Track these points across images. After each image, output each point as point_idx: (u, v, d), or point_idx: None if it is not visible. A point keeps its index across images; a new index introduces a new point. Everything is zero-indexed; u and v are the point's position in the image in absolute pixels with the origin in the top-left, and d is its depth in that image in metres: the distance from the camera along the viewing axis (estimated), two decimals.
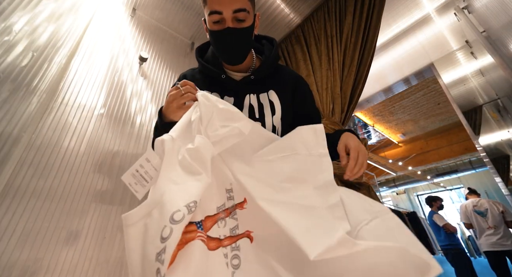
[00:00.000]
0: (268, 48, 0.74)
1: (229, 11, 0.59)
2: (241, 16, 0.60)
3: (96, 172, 1.36)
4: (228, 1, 0.58)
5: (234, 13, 0.59)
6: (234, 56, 0.67)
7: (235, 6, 0.59)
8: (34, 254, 1.05)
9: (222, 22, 0.60)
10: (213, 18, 0.60)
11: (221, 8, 0.58)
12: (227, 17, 0.59)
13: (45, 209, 1.14)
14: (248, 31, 0.63)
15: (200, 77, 0.72)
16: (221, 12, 0.59)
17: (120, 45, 1.80)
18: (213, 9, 0.59)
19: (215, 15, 0.59)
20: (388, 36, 2.44)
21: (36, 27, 1.29)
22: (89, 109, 1.46)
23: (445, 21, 2.24)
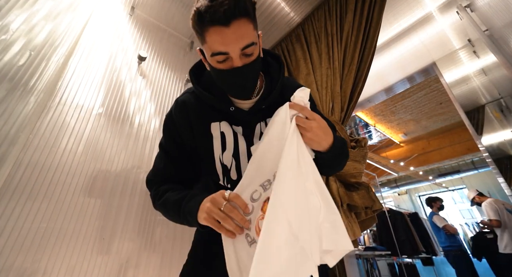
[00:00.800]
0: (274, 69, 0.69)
1: (236, 50, 0.51)
2: (249, 51, 0.53)
3: (94, 173, 1.36)
4: (235, 38, 0.50)
5: (242, 50, 0.52)
6: (245, 93, 0.61)
7: (242, 43, 0.51)
8: (32, 255, 1.05)
9: (228, 61, 0.54)
10: (217, 59, 0.53)
11: (227, 49, 0.51)
12: (235, 57, 0.52)
13: (42, 210, 1.14)
14: (257, 62, 0.58)
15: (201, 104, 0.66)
16: (227, 52, 0.51)
17: (118, 44, 1.80)
18: (216, 50, 0.51)
19: (220, 56, 0.52)
20: (389, 34, 2.44)
21: (33, 25, 1.28)
22: (87, 109, 1.46)
23: (447, 20, 2.23)
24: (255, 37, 0.55)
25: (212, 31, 0.50)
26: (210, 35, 0.51)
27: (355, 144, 1.49)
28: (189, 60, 2.26)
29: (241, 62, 0.54)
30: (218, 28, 0.49)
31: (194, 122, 0.65)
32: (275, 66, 0.70)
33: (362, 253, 3.22)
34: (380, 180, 7.56)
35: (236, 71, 0.54)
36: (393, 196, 8.71)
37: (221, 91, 0.65)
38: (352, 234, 1.28)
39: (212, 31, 0.50)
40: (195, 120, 0.65)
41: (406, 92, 4.08)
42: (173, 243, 1.51)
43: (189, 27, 2.33)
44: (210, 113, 0.65)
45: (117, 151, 1.50)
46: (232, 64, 0.54)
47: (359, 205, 1.33)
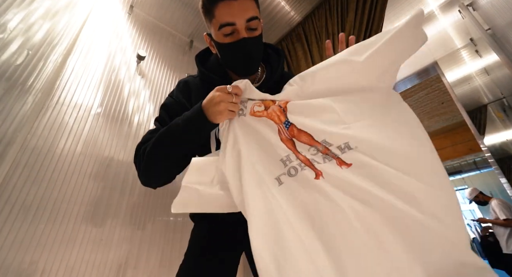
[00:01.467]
0: (274, 59, 0.73)
1: (242, 21, 0.58)
2: (254, 24, 0.59)
3: (93, 173, 1.36)
4: (241, 10, 0.57)
5: (247, 22, 0.58)
6: (252, 66, 0.66)
7: (247, 15, 0.58)
8: (30, 256, 1.05)
9: (234, 34, 0.59)
10: (225, 31, 0.58)
11: (234, 19, 0.57)
12: (240, 28, 0.58)
13: (41, 210, 1.14)
14: (260, 39, 0.63)
15: (202, 85, 0.70)
16: (234, 23, 0.57)
17: (117, 43, 1.80)
18: (224, 21, 0.57)
19: (227, 27, 0.58)
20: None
21: (31, 24, 1.28)
22: (86, 109, 1.46)
23: (449, 19, 2.23)
24: (258, 14, 0.61)
25: (221, 5, 0.57)
26: (219, 8, 0.57)
27: None
28: (189, 60, 2.26)
29: (247, 34, 0.59)
30: (226, 2, 0.56)
31: (194, 99, 0.68)
32: (275, 57, 0.74)
33: None
34: None
35: (243, 41, 0.59)
36: None
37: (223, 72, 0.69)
38: None
39: (221, 5, 0.57)
40: (195, 97, 0.68)
41: (407, 92, 4.08)
42: (172, 243, 1.51)
43: (188, 26, 2.30)
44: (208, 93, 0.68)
45: (116, 151, 1.50)
46: (238, 36, 0.59)
47: None
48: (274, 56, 0.74)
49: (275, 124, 0.53)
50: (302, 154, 0.49)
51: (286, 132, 0.52)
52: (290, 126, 0.52)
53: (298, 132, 0.51)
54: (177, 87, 0.73)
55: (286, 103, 0.55)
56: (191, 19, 2.17)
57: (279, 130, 0.53)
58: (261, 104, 0.56)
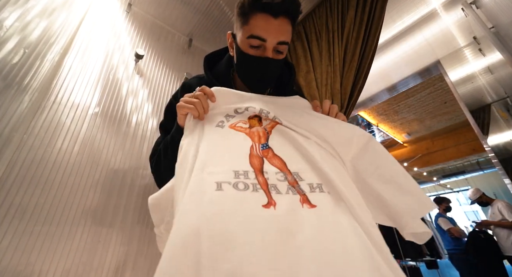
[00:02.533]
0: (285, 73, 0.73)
1: (273, 41, 0.57)
2: (282, 48, 0.59)
3: (91, 173, 1.36)
4: (276, 30, 0.56)
5: (278, 44, 0.57)
6: (264, 86, 0.66)
7: (281, 38, 0.57)
8: (26, 258, 1.05)
9: (260, 48, 0.58)
10: (253, 42, 0.57)
11: (267, 36, 0.56)
12: (269, 47, 0.57)
13: (37, 212, 1.14)
14: (282, 63, 0.63)
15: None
16: (265, 40, 0.56)
17: (115, 42, 1.79)
18: (256, 33, 0.56)
19: (257, 40, 0.57)
20: (392, 32, 2.43)
21: (27, 22, 1.28)
22: (83, 108, 1.46)
23: (452, 17, 2.23)
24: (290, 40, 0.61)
25: (259, 16, 0.55)
26: (256, 19, 0.56)
27: None
28: (188, 59, 2.26)
29: (272, 55, 0.59)
30: (266, 16, 0.55)
31: None
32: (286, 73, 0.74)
33: None
34: None
35: (265, 60, 0.59)
36: None
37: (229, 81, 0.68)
38: None
39: (260, 17, 0.55)
40: None
41: (409, 91, 4.07)
42: None
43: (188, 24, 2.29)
44: None
45: (114, 151, 1.49)
46: (263, 53, 0.58)
47: None
48: (286, 72, 0.74)
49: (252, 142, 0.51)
50: (264, 177, 0.44)
51: (259, 151, 0.50)
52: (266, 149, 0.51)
53: (273, 155, 0.49)
54: (182, 88, 0.72)
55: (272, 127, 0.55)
56: (191, 17, 2.16)
57: (252, 146, 0.50)
58: (247, 122, 0.55)
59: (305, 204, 0.40)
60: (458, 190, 7.35)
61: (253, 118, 0.56)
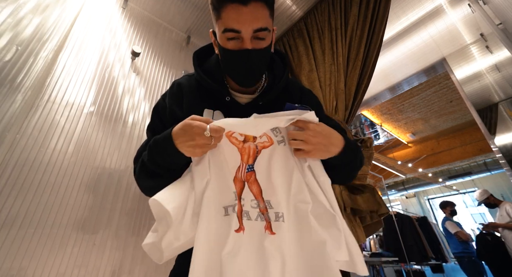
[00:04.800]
0: (279, 67, 0.70)
1: (249, 30, 0.54)
2: (262, 35, 0.56)
3: (86, 174, 1.35)
4: (249, 18, 0.53)
5: (254, 32, 0.55)
6: (250, 79, 0.63)
7: (256, 25, 0.54)
8: (18, 262, 1.05)
9: (238, 40, 0.56)
10: (227, 35, 0.55)
11: (240, 27, 0.53)
12: (246, 37, 0.55)
13: (30, 214, 1.13)
14: (267, 51, 0.60)
15: (198, 88, 0.67)
16: (239, 31, 0.54)
17: (111, 39, 1.79)
18: (229, 26, 0.54)
19: (231, 33, 0.54)
20: (397, 29, 2.42)
21: (20, 19, 1.28)
22: (78, 107, 1.45)
23: (458, 13, 2.22)
24: (270, 25, 0.57)
25: (229, 7, 0.53)
26: (227, 11, 0.53)
27: (360, 144, 1.48)
28: (186, 56, 2.25)
29: (251, 45, 0.56)
30: (236, 6, 0.52)
31: (186, 105, 0.65)
32: (280, 64, 0.71)
33: (368, 260, 3.21)
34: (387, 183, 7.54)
35: (244, 52, 0.56)
36: (400, 200, 8.70)
37: (221, 78, 0.66)
38: (356, 239, 1.27)
39: (230, 8, 0.53)
40: (188, 103, 0.65)
41: (414, 90, 4.07)
42: None
43: (185, 21, 2.28)
44: (205, 99, 0.65)
45: (110, 152, 1.49)
46: (242, 45, 0.56)
47: (364, 209, 1.32)
48: (279, 64, 0.71)
49: (241, 161, 0.54)
50: (241, 204, 0.51)
51: (243, 174, 0.53)
52: (250, 171, 0.54)
53: (254, 180, 0.53)
54: (170, 89, 0.70)
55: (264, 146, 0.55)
56: (188, 13, 2.16)
57: (239, 168, 0.54)
58: (243, 134, 0.55)
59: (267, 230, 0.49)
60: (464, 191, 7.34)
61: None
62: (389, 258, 3.40)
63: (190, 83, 0.68)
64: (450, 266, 4.35)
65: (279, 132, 0.57)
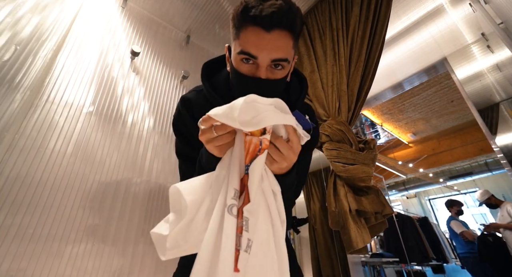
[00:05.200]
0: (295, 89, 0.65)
1: (266, 58, 0.50)
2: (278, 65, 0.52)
3: (85, 175, 1.35)
4: (269, 46, 0.49)
5: (273, 62, 0.51)
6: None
7: (276, 55, 0.50)
8: (17, 263, 1.04)
9: (253, 65, 0.52)
10: (242, 57, 0.51)
11: (257, 53, 0.49)
12: (262, 65, 0.51)
13: (29, 215, 1.13)
14: (282, 82, 0.56)
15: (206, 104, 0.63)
16: (255, 57, 0.50)
17: (110, 39, 1.79)
18: (246, 49, 0.50)
19: (246, 56, 0.51)
20: (397, 28, 2.43)
21: (19, 18, 1.28)
22: (77, 107, 1.45)
23: (459, 13, 2.22)
24: (291, 56, 0.53)
25: (250, 30, 0.49)
26: (247, 33, 0.50)
27: (363, 146, 1.48)
28: (185, 55, 2.25)
29: (265, 74, 0.52)
30: (258, 30, 0.48)
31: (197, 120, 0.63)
32: (296, 86, 0.67)
33: (369, 260, 3.21)
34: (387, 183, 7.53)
35: (256, 81, 0.52)
36: (401, 200, 8.70)
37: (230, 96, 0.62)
38: (362, 240, 1.27)
39: (250, 30, 0.49)
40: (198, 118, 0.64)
41: (415, 90, 4.07)
42: None
43: (185, 20, 2.28)
44: None
45: (109, 152, 1.49)
46: (256, 72, 0.52)
47: (369, 211, 1.33)
48: (296, 86, 0.66)
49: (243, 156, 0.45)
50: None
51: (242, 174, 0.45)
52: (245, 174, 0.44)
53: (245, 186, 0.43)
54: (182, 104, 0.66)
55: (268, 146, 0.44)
56: (188, 13, 2.16)
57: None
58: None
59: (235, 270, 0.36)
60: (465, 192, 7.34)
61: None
62: (390, 259, 3.40)
63: (198, 99, 0.66)
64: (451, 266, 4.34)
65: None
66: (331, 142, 1.53)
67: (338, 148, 1.48)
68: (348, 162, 1.42)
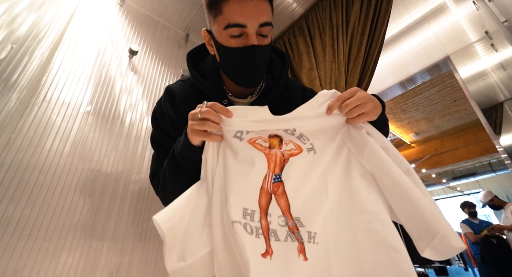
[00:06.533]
0: (278, 66, 0.67)
1: (255, 24, 0.52)
2: (266, 31, 0.55)
3: (82, 175, 1.35)
4: (256, 12, 0.51)
5: (260, 27, 0.53)
6: (258, 78, 0.61)
7: (262, 18, 0.52)
8: (14, 264, 1.04)
9: (242, 37, 0.54)
10: (232, 32, 0.53)
11: (246, 21, 0.51)
12: (251, 32, 0.53)
13: (26, 215, 1.13)
14: (269, 48, 0.59)
15: (193, 93, 0.65)
16: (245, 25, 0.52)
17: (108, 37, 1.79)
18: (234, 21, 0.51)
19: (236, 28, 0.52)
20: (399, 27, 2.42)
21: (15, 16, 1.28)
22: (74, 107, 1.45)
23: (463, 10, 2.22)
24: (272, 20, 0.56)
25: (232, 1, 0.51)
26: (230, 5, 0.51)
27: None
28: (184, 55, 2.23)
29: (257, 41, 0.54)
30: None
31: (180, 112, 0.63)
32: (279, 63, 0.68)
33: None
34: None
35: (251, 49, 0.54)
36: None
37: (219, 81, 0.64)
38: None
39: (233, 1, 0.51)
40: (182, 110, 0.63)
41: (417, 89, 4.07)
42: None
43: (184, 18, 2.28)
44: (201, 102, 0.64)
45: (107, 152, 1.49)
46: (247, 42, 0.54)
47: None
48: (278, 63, 0.68)
49: (267, 169, 0.49)
50: (267, 220, 0.45)
51: (270, 185, 0.48)
52: (278, 182, 0.48)
53: (282, 193, 0.47)
54: (165, 95, 0.68)
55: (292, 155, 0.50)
56: (187, 11, 2.16)
57: (266, 177, 0.48)
58: (267, 140, 0.51)
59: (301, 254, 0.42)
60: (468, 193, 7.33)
61: (274, 138, 0.52)
62: None
63: (184, 90, 0.67)
64: (454, 269, 4.34)
65: (307, 139, 0.52)
66: None
67: None
68: None
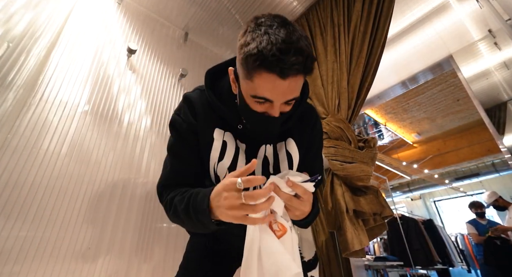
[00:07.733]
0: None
1: (282, 101, 0.53)
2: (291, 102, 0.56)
3: (80, 176, 1.35)
4: (284, 91, 0.51)
5: (285, 102, 0.54)
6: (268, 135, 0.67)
7: (290, 96, 0.53)
8: (9, 268, 1.04)
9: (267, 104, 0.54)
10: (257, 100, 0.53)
11: (273, 98, 0.52)
12: (276, 105, 0.53)
13: (22, 217, 1.13)
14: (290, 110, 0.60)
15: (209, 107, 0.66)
16: (271, 101, 0.52)
17: (106, 36, 1.79)
18: (261, 95, 0.51)
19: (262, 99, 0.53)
20: (401, 25, 2.42)
21: (11, 14, 1.27)
22: (72, 106, 1.45)
23: (466, 9, 2.22)
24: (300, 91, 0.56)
25: (265, 76, 0.48)
26: (261, 79, 0.49)
27: (363, 144, 1.47)
28: (183, 53, 2.25)
29: (279, 111, 0.55)
30: (273, 77, 0.48)
31: (200, 122, 0.66)
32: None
33: (372, 264, 3.21)
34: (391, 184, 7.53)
35: (270, 119, 0.56)
36: (405, 202, 8.68)
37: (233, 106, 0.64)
38: (359, 242, 1.26)
39: (266, 77, 0.48)
40: (201, 120, 0.66)
41: (419, 88, 4.07)
42: (165, 252, 1.50)
43: (183, 17, 2.27)
44: (217, 119, 0.66)
45: (105, 152, 1.49)
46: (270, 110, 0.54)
47: (367, 211, 1.32)
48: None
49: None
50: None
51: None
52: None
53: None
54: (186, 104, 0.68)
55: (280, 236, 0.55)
56: (187, 9, 2.16)
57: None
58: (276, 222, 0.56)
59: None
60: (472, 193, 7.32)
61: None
62: (394, 262, 3.39)
63: (202, 100, 0.67)
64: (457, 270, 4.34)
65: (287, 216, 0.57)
66: (329, 139, 1.52)
67: (336, 145, 1.47)
68: (346, 160, 1.42)
